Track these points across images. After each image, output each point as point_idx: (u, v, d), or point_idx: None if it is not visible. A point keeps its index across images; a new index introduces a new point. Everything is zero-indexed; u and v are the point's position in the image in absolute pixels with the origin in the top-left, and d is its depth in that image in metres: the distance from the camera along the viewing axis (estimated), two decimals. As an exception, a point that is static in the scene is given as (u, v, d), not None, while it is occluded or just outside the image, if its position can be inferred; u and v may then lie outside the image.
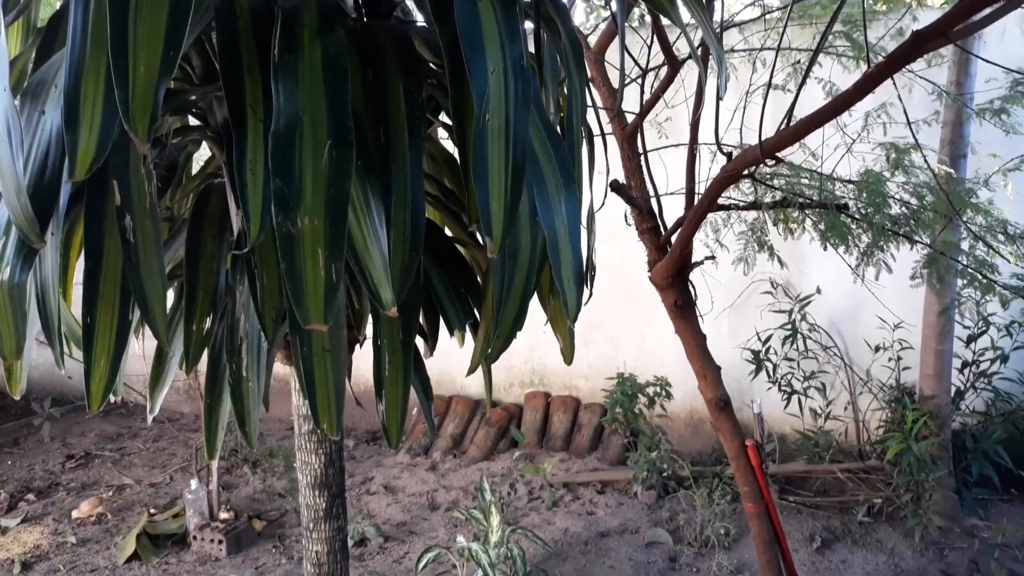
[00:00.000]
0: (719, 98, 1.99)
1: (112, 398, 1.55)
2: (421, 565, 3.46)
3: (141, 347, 1.98)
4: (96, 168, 1.13)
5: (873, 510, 4.48)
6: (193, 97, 1.58)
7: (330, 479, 2.02)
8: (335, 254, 1.12)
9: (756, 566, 3.56)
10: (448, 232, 1.94)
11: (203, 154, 1.95)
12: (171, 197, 1.93)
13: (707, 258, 2.92)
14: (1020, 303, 3.83)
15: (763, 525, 3.12)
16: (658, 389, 4.97)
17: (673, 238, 2.85)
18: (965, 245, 2.79)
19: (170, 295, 1.77)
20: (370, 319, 1.70)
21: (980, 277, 2.57)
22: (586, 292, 2.11)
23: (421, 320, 1.82)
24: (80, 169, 1.12)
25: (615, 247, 5.06)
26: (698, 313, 3.10)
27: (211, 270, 1.57)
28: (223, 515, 4.51)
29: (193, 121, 1.79)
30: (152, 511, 4.68)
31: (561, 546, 4.35)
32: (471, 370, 1.74)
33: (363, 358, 2.08)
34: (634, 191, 2.87)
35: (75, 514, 4.77)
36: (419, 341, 1.89)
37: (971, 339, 4.45)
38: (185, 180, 1.94)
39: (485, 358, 1.65)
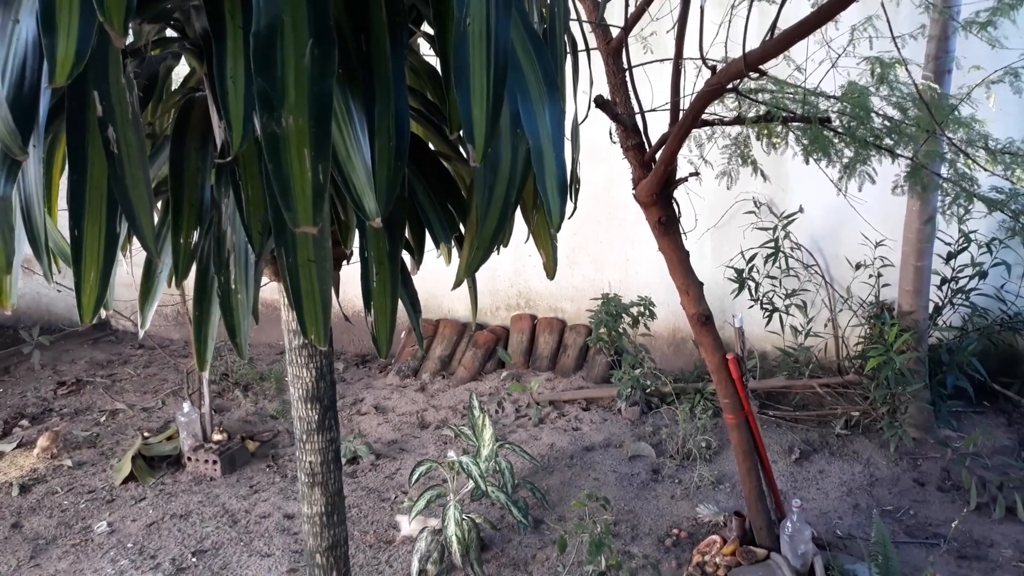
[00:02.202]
0: (703, 11, 1.98)
1: (103, 313, 1.57)
2: (415, 477, 3.56)
3: (129, 266, 1.99)
4: (76, 73, 1.13)
5: (850, 423, 4.62)
6: (169, 5, 1.55)
7: (321, 392, 2.06)
8: (321, 154, 1.13)
9: (736, 476, 3.69)
10: (432, 147, 1.94)
11: (181, 71, 1.93)
12: (152, 113, 1.92)
13: (691, 174, 2.93)
14: (1000, 219, 3.88)
15: (743, 436, 3.22)
16: (642, 309, 5.03)
17: (658, 155, 2.85)
18: (948, 158, 2.81)
19: (156, 211, 1.77)
20: (357, 235, 1.71)
21: (961, 188, 2.59)
22: (570, 205, 2.13)
23: (407, 234, 1.84)
24: (60, 75, 1.12)
25: (599, 169, 5.06)
26: (681, 231, 3.13)
27: (196, 183, 1.57)
28: (216, 437, 4.59)
29: (171, 33, 1.77)
30: (146, 434, 4.75)
31: (548, 460, 4.47)
32: (457, 283, 1.76)
33: (351, 282, 2.11)
34: (619, 107, 2.86)
35: (35, 451, 4.67)
36: (406, 256, 1.92)
37: (951, 256, 4.52)
38: (165, 96, 1.93)
39: (468, 269, 1.67)
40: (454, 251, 2.04)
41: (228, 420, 5.08)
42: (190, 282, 1.71)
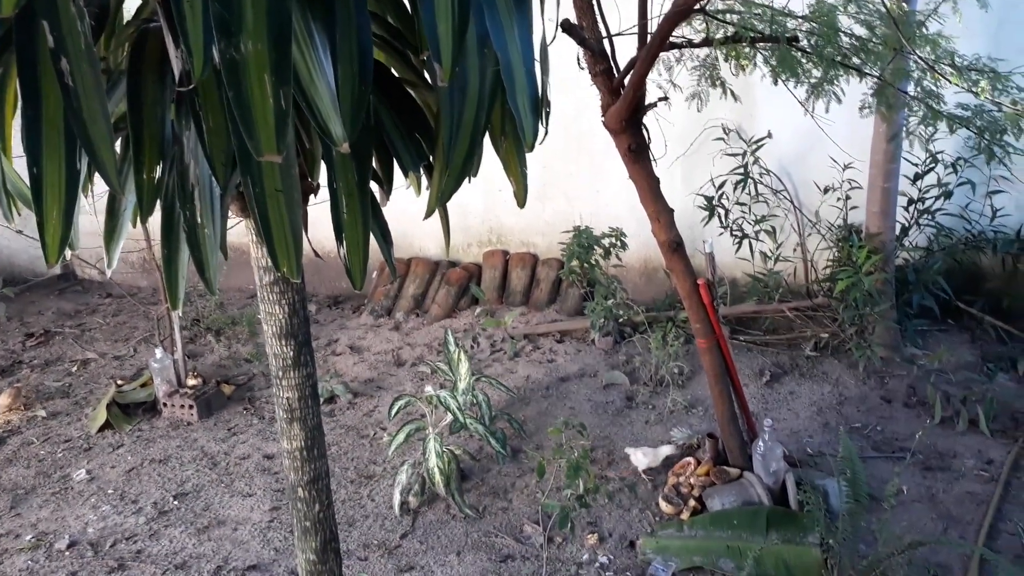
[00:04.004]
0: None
1: (67, 254, 1.53)
2: (393, 412, 3.59)
3: (93, 212, 1.95)
4: (23, 2, 1.08)
5: (819, 345, 4.72)
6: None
7: (295, 328, 2.05)
8: (282, 79, 1.09)
9: (709, 400, 3.77)
10: (397, 74, 1.90)
11: (132, 4, 1.86)
12: (105, 46, 1.85)
13: (660, 99, 2.91)
14: (965, 137, 3.91)
15: (715, 359, 3.28)
16: (613, 240, 5.05)
17: (626, 80, 2.82)
18: (915, 76, 2.81)
19: (117, 149, 1.72)
20: (324, 169, 1.68)
21: (927, 106, 2.60)
22: (541, 130, 2.11)
23: (375, 165, 1.81)
24: (7, 5, 1.07)
25: (568, 99, 4.99)
26: (651, 158, 3.12)
27: (155, 117, 1.52)
28: (191, 382, 4.58)
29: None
30: (119, 382, 4.73)
31: (524, 392, 4.53)
32: (428, 212, 1.74)
33: (321, 223, 2.08)
34: (586, 31, 2.81)
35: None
36: (376, 188, 1.89)
37: (917, 177, 4.57)
38: (118, 29, 1.86)
39: (440, 198, 1.65)
40: (424, 183, 2.01)
41: (202, 365, 5.06)
42: (157, 227, 1.67)
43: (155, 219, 1.63)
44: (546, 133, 2.21)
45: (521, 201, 1.99)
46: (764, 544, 2.96)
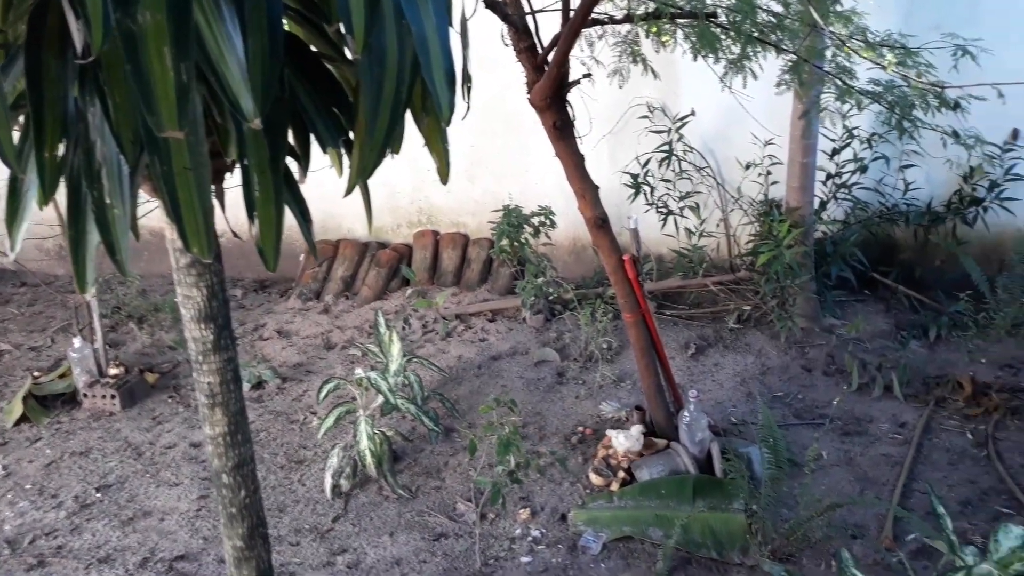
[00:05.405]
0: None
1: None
2: (322, 395, 3.55)
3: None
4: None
5: (743, 317, 4.84)
6: None
7: (215, 311, 2.00)
8: (182, 52, 1.06)
9: (636, 374, 3.83)
10: (314, 49, 1.86)
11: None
12: (3, 19, 1.76)
13: (584, 76, 2.93)
14: (878, 113, 4.04)
15: (640, 333, 3.34)
16: (543, 218, 5.07)
17: (550, 56, 2.82)
18: (829, 53, 2.88)
19: (17, 127, 1.65)
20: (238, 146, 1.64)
21: (839, 82, 2.67)
22: (463, 105, 2.10)
23: (292, 141, 1.77)
24: None
25: (496, 78, 4.97)
26: (577, 135, 3.13)
27: (57, 93, 1.46)
28: (113, 371, 4.44)
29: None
30: (36, 374, 4.55)
31: (456, 371, 4.53)
32: (349, 189, 1.72)
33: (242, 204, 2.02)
34: (509, 7, 2.80)
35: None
36: (293, 165, 1.85)
37: (835, 152, 4.71)
38: (16, 1, 1.77)
39: (360, 174, 1.63)
40: (346, 162, 1.98)
41: (124, 354, 4.91)
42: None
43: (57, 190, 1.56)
44: (468, 109, 2.20)
45: (444, 177, 1.98)
46: (691, 512, 3.04)
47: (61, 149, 1.49)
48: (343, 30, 1.30)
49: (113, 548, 3.20)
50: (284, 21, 1.73)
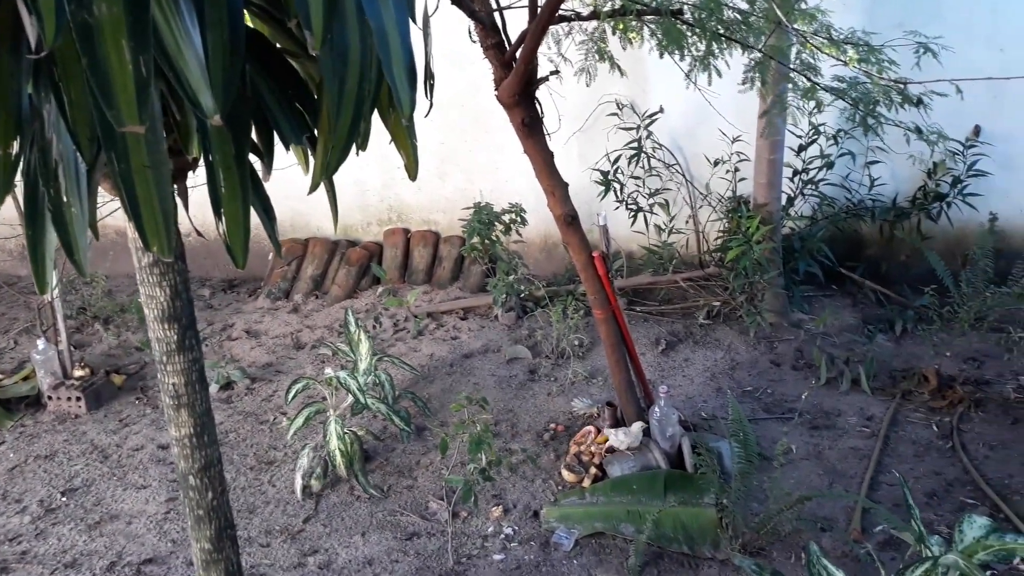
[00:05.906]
0: None
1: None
2: (291, 396, 3.51)
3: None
4: None
5: (712, 313, 4.87)
6: None
7: (179, 311, 1.97)
8: (141, 44, 1.04)
9: (607, 370, 3.84)
10: (278, 45, 1.84)
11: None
12: (-47, 14, 1.72)
13: (552, 73, 2.92)
14: (843, 110, 4.08)
15: (611, 329, 3.34)
16: (513, 216, 5.06)
17: (518, 53, 2.82)
18: (793, 51, 2.91)
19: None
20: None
21: (803, 80, 2.70)
22: (426, 103, 2.08)
23: (256, 138, 1.75)
24: None
25: (465, 75, 4.96)
26: (546, 132, 3.13)
27: (10, 89, 1.43)
28: (78, 373, 4.37)
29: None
30: (-2, 376, 4.47)
31: (428, 370, 4.51)
32: (313, 186, 1.70)
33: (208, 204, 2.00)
34: (476, 4, 2.79)
35: None
36: (257, 163, 1.83)
37: (801, 148, 4.75)
38: (-33, -5, 1.73)
39: (325, 171, 1.61)
40: (311, 160, 1.96)
41: (90, 355, 4.83)
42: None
43: (12, 189, 1.53)
44: (431, 106, 2.19)
45: (412, 174, 1.97)
46: (662, 507, 3.05)
47: (15, 146, 1.46)
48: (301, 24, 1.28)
49: (79, 552, 3.15)
50: (247, 17, 1.71)
